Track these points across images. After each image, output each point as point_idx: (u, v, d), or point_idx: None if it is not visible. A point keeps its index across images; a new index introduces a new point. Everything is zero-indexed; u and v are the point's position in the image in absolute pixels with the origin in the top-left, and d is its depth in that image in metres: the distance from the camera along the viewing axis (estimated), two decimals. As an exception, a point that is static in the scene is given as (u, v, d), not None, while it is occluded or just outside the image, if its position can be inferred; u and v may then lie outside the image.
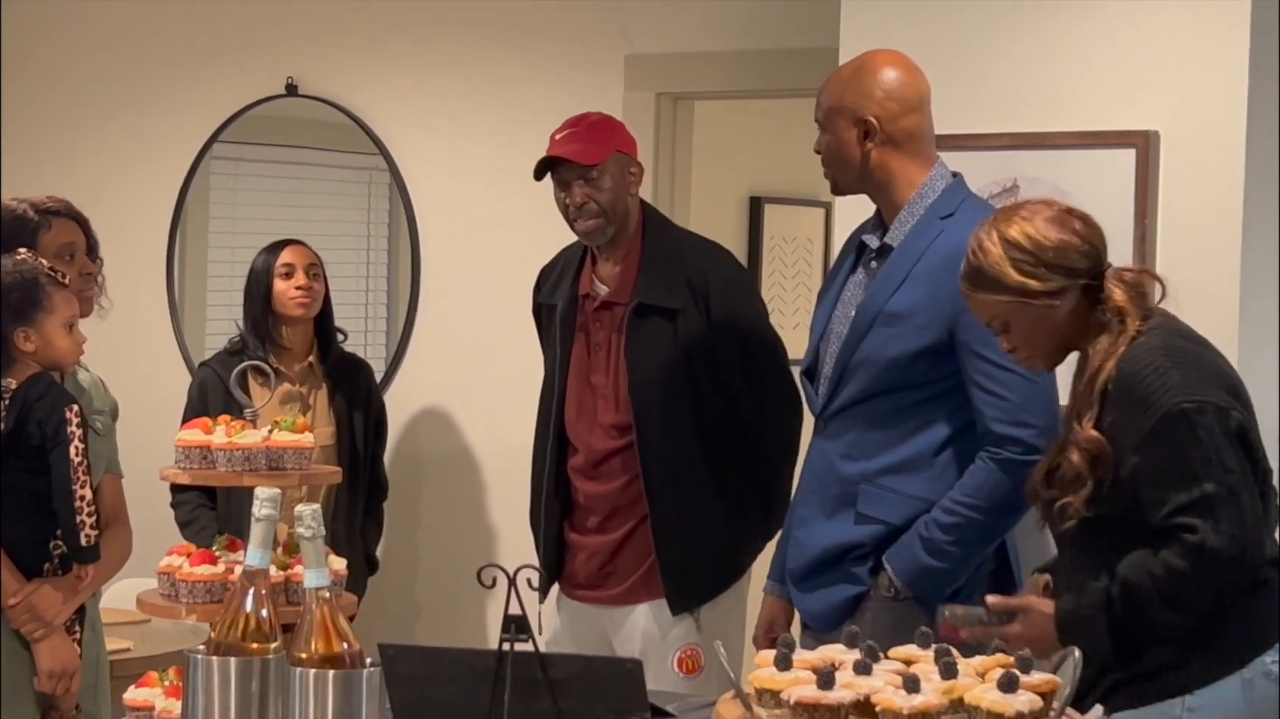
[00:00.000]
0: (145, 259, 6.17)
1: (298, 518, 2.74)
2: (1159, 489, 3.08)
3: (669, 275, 4.29)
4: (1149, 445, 3.08)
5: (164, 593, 4.16)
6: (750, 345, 4.31)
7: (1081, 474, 3.13)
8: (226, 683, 2.73)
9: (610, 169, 4.29)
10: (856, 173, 3.73)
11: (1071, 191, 3.95)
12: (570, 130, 4.33)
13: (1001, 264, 3.19)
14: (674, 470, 4.26)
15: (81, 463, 3.76)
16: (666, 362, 4.26)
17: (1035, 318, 3.21)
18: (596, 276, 4.38)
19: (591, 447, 4.35)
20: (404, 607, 5.83)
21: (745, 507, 4.32)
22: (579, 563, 4.38)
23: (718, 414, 4.29)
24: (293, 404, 5.18)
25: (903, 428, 3.68)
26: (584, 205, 4.28)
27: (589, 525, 4.37)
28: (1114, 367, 3.13)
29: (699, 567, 4.28)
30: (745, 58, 5.36)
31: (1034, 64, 4.07)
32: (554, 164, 4.31)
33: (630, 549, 4.33)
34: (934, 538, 3.60)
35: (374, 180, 6.00)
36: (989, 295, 3.23)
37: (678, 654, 4.27)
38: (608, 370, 4.33)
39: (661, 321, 4.27)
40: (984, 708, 2.64)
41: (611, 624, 4.35)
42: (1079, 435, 3.14)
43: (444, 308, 5.83)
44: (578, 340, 4.38)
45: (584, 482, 4.38)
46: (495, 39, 5.72)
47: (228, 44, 6.13)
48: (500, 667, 2.64)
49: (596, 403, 4.35)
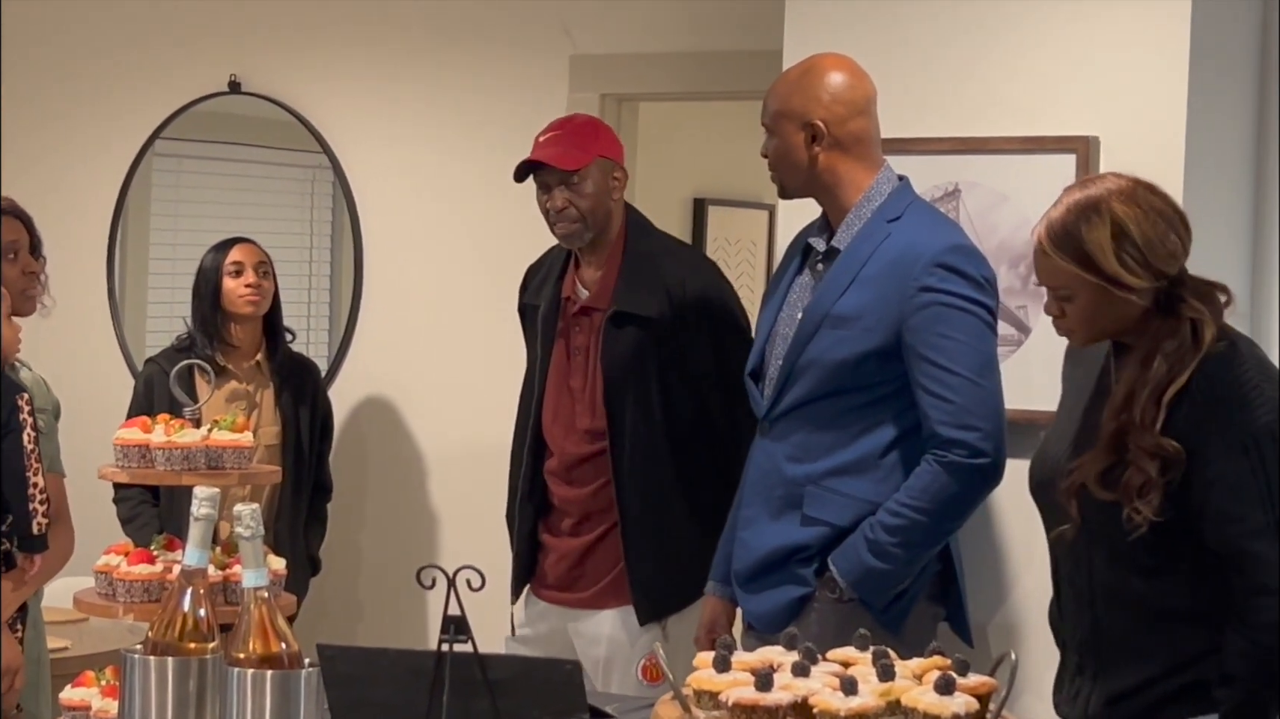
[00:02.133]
0: (86, 257, 6.14)
1: (236, 518, 2.73)
2: (1237, 503, 2.99)
3: (648, 283, 4.27)
4: (1237, 458, 2.99)
5: (101, 592, 4.14)
6: (725, 356, 4.25)
7: (1152, 479, 3.01)
8: (164, 683, 2.72)
9: (592, 174, 4.27)
10: (804, 176, 3.74)
11: (1012, 196, 3.98)
12: (554, 133, 4.31)
13: (1104, 246, 3.04)
14: (645, 478, 4.24)
15: (34, 450, 3.74)
16: (641, 369, 4.24)
17: (1107, 303, 3.07)
18: (579, 280, 4.37)
19: (566, 450, 4.34)
20: (346, 607, 5.81)
21: (716, 518, 4.29)
22: (549, 564, 4.37)
23: (691, 423, 4.27)
24: (239, 402, 5.17)
25: (849, 430, 3.68)
26: (564, 210, 4.26)
27: (562, 528, 4.37)
28: (1194, 374, 3.01)
29: (667, 577, 4.25)
30: (690, 59, 5.37)
31: (976, 69, 4.09)
32: (536, 166, 4.29)
33: (600, 554, 4.31)
34: (879, 540, 3.61)
35: (317, 179, 5.98)
36: (1070, 265, 3.07)
37: (642, 662, 4.26)
38: (585, 375, 4.32)
39: (638, 329, 4.25)
40: (920, 710, 2.65)
41: (577, 627, 4.34)
42: (1148, 441, 3.01)
43: (386, 306, 5.82)
44: (558, 343, 4.36)
45: (558, 485, 4.37)
46: (439, 37, 5.71)
47: (170, 40, 6.09)
48: (439, 667, 2.64)
49: (573, 407, 4.34)
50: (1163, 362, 3.04)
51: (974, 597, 3.89)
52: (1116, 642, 3.12)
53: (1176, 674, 3.08)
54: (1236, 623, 3.01)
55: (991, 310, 3.66)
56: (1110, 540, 3.09)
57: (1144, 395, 3.04)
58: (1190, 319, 3.05)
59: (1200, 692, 3.06)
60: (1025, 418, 3.87)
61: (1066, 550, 3.18)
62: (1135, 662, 3.10)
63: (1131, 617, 3.11)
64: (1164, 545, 3.06)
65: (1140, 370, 3.06)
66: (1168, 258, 3.06)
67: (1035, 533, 3.92)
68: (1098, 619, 3.14)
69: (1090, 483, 3.07)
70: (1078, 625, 3.18)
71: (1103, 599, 3.13)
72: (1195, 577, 3.07)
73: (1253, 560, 2.99)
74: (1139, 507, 3.01)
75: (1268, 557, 2.98)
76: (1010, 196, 4.00)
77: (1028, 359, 3.98)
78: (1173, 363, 3.03)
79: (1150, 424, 3.02)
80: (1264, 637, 2.98)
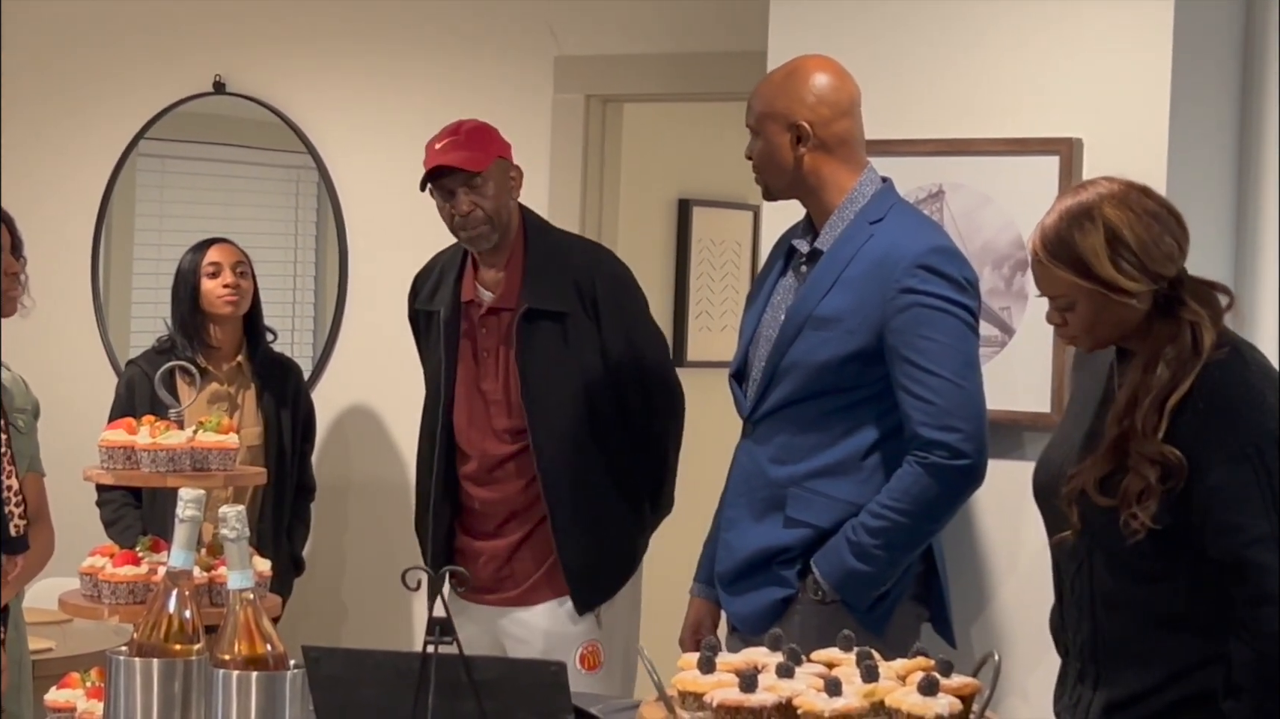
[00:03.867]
0: (70, 257, 6.13)
1: (222, 519, 2.73)
2: (1238, 513, 2.96)
3: (554, 279, 4.31)
4: (1238, 466, 2.96)
5: (86, 593, 4.13)
6: (636, 341, 4.36)
7: (1151, 486, 2.98)
8: (149, 684, 2.73)
9: (494, 175, 4.31)
10: (788, 178, 3.74)
11: (996, 197, 3.99)
12: (450, 139, 4.33)
13: (1099, 252, 3.00)
14: (571, 472, 4.29)
15: (6, 452, 3.73)
16: (558, 365, 4.29)
17: (1106, 309, 3.04)
18: (479, 283, 4.38)
19: (485, 452, 4.37)
20: (330, 608, 5.81)
21: (637, 501, 4.38)
22: (477, 567, 4.38)
23: (610, 412, 4.33)
24: (221, 403, 5.16)
25: (831, 431, 3.69)
26: (470, 214, 4.29)
27: (486, 530, 4.39)
28: (1197, 381, 2.98)
29: (601, 565, 4.33)
30: (674, 60, 5.37)
31: (960, 71, 4.10)
32: (435, 174, 4.30)
33: (528, 551, 4.35)
34: (861, 542, 3.61)
35: (302, 179, 5.98)
36: (1067, 273, 3.03)
37: (580, 651, 4.31)
38: (497, 376, 4.35)
39: (551, 325, 4.29)
40: (904, 711, 2.66)
41: (507, 625, 4.37)
42: (1150, 448, 2.98)
43: (371, 307, 5.82)
44: (463, 347, 4.39)
45: (477, 488, 4.39)
46: (424, 38, 5.71)
47: (155, 40, 6.09)
48: (424, 669, 2.64)
49: (488, 409, 4.36)
50: (1165, 368, 3.00)
51: (957, 598, 3.89)
52: (1117, 648, 3.10)
53: (1177, 683, 3.04)
54: (1241, 633, 2.97)
55: (973, 312, 3.67)
56: (1110, 546, 3.07)
57: (1146, 402, 3.01)
58: (1190, 323, 3.02)
59: (1201, 702, 3.03)
60: (1008, 419, 3.88)
61: (1068, 556, 3.16)
62: (1135, 669, 3.07)
63: (1132, 623, 3.08)
64: (1163, 552, 3.03)
65: (1143, 376, 3.03)
66: (1164, 260, 3.03)
67: (1018, 534, 3.95)
68: (1098, 625, 3.12)
69: (1090, 488, 3.04)
70: (1078, 632, 3.15)
71: (1103, 605, 3.10)
72: (1195, 584, 3.03)
73: (1256, 570, 2.95)
74: (1136, 512, 2.98)
75: (1270, 565, 2.95)
76: (994, 198, 4.00)
77: (1011, 360, 3.99)
78: (1175, 370, 3.00)
79: (1153, 431, 2.99)
80: (1269, 646, 2.95)
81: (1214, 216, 4.08)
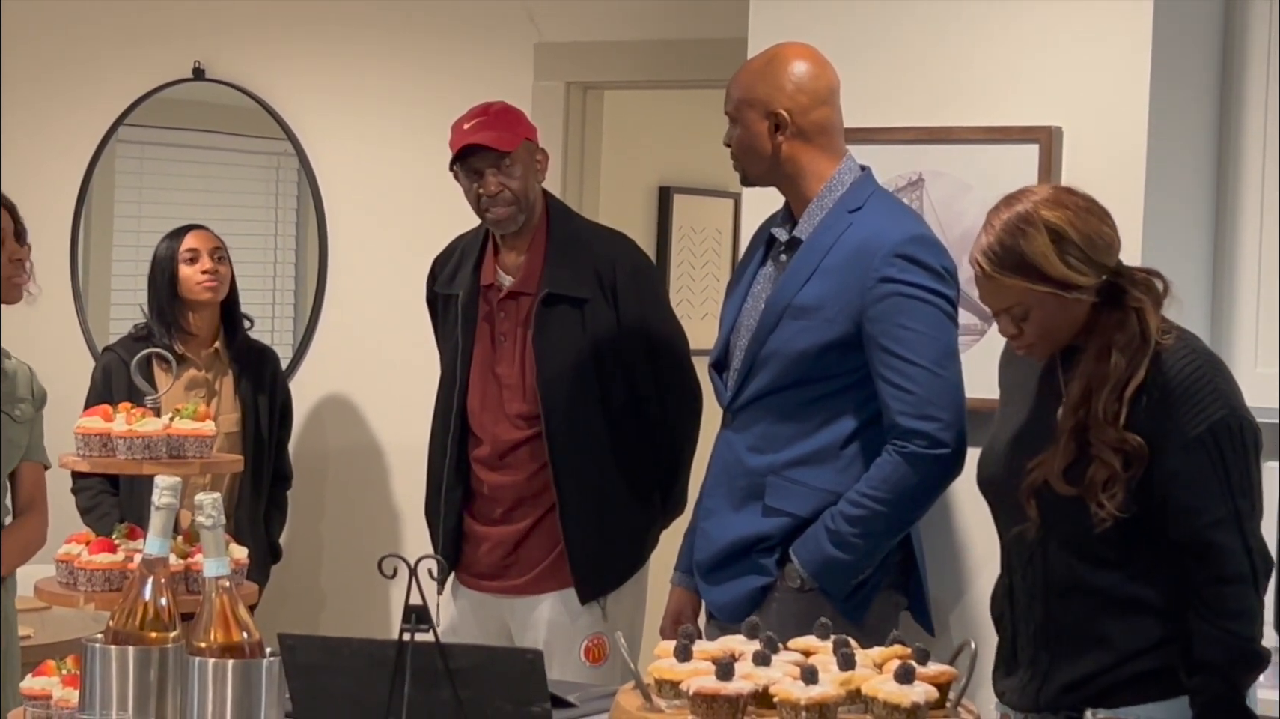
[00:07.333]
0: (49, 244, 6.08)
1: (198, 506, 2.73)
2: (1197, 496, 3.05)
3: (576, 265, 4.30)
4: (1195, 451, 3.04)
5: (62, 581, 4.11)
6: (654, 333, 4.34)
7: (1116, 473, 3.05)
8: (125, 672, 2.72)
9: (521, 156, 4.30)
10: (767, 165, 3.74)
11: (975, 186, 3.99)
12: (480, 119, 4.32)
13: (1047, 253, 3.07)
14: (583, 460, 4.27)
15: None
16: (575, 351, 4.27)
17: (1060, 309, 3.11)
18: (499, 266, 4.37)
19: (498, 437, 4.35)
20: (308, 596, 5.80)
21: (648, 494, 4.35)
22: (481, 553, 4.37)
23: (623, 402, 4.31)
24: (198, 390, 5.16)
25: (811, 420, 3.69)
26: (498, 194, 4.27)
27: (494, 516, 4.37)
28: (1150, 368, 3.06)
29: (607, 555, 4.30)
30: (655, 47, 5.37)
31: (939, 58, 4.10)
32: (465, 153, 4.29)
33: (536, 539, 4.33)
34: (840, 530, 3.62)
35: (282, 166, 5.97)
36: (1019, 281, 3.09)
37: (585, 643, 4.28)
38: (514, 361, 4.33)
39: (570, 311, 4.27)
40: (881, 699, 2.66)
41: (513, 614, 4.35)
42: (1111, 435, 3.05)
43: (350, 295, 5.81)
44: (481, 331, 4.37)
45: (488, 472, 4.37)
46: (404, 24, 5.70)
47: (134, 26, 6.07)
48: (400, 657, 2.63)
49: (502, 393, 4.34)
50: (1120, 356, 3.08)
51: (935, 586, 3.90)
52: (1070, 633, 3.16)
53: (1130, 662, 3.12)
54: (1204, 611, 3.06)
55: (952, 301, 3.67)
56: (1068, 535, 3.13)
57: (1105, 391, 3.08)
58: (1134, 309, 3.10)
59: (1156, 678, 3.11)
60: (988, 407, 3.86)
61: (1020, 545, 3.22)
62: (1090, 652, 3.15)
63: (1086, 609, 3.15)
64: (1125, 539, 3.10)
65: (1096, 366, 3.10)
66: (1106, 250, 3.12)
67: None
68: (1050, 612, 3.18)
69: (1053, 479, 3.10)
70: (1029, 619, 3.22)
71: (1055, 593, 3.17)
72: (1152, 568, 3.12)
73: (1217, 551, 3.05)
74: (1103, 501, 3.06)
75: (1231, 546, 3.05)
76: (974, 186, 4.00)
77: (990, 349, 3.97)
78: (1130, 357, 3.08)
79: (1113, 419, 3.06)
80: (1235, 624, 3.05)
81: (1193, 205, 4.08)
